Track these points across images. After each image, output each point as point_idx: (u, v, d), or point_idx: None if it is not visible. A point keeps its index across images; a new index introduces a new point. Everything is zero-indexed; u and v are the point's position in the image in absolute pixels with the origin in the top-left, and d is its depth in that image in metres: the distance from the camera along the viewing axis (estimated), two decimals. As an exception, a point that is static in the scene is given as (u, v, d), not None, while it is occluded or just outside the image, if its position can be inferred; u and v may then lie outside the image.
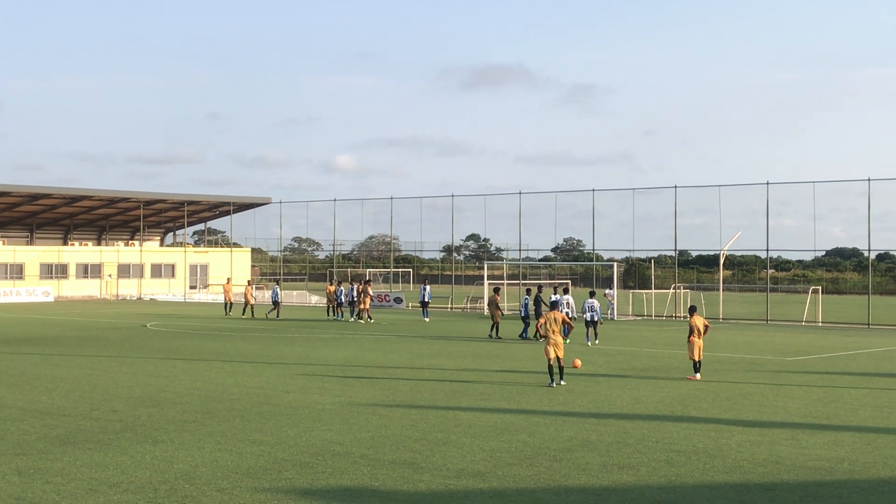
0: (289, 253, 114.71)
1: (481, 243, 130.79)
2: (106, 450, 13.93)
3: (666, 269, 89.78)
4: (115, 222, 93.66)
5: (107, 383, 21.70)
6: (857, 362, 27.97)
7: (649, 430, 15.93)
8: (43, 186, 79.84)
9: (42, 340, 34.12)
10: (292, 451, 13.90)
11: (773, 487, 11.92)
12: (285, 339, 35.03)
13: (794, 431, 15.86)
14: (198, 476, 12.25)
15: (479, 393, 20.34)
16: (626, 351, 30.98)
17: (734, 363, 26.99)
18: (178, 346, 31.93)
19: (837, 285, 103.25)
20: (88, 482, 11.88)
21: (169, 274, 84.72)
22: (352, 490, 11.61)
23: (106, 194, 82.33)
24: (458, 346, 32.16)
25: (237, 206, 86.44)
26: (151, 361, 26.55)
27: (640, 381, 22.65)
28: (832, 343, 35.09)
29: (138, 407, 18.07)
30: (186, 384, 21.55)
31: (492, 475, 12.45)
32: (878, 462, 13.50)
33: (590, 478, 12.37)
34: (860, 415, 17.78)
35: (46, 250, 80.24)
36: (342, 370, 24.58)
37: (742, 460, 13.51)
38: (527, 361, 26.79)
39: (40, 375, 23.15)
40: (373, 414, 17.33)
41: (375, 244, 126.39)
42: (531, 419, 16.93)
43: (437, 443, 14.61)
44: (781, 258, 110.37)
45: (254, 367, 25.25)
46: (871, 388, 21.64)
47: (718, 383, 22.30)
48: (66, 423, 16.21)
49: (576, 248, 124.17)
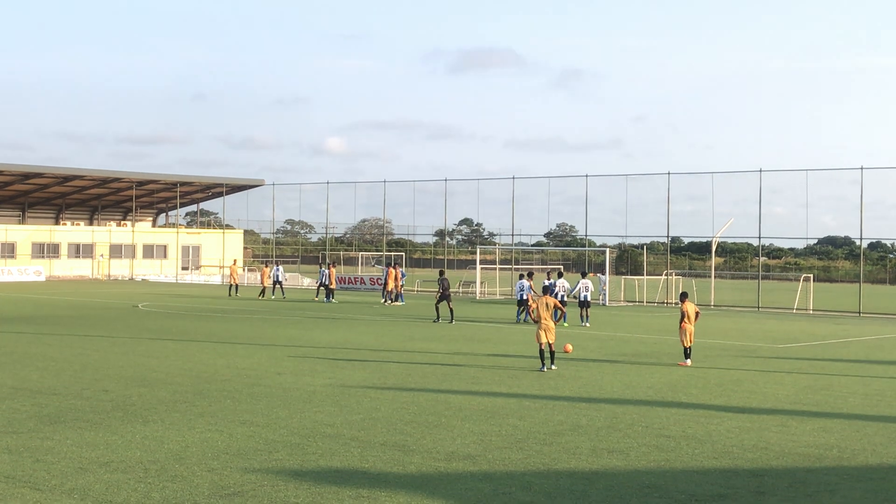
0: (281, 235, 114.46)
1: (474, 228, 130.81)
2: (96, 429, 13.92)
3: (658, 256, 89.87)
4: (108, 202, 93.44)
5: (98, 363, 21.68)
6: (848, 350, 28.06)
7: (639, 415, 15.97)
8: (35, 165, 79.58)
9: (33, 320, 34.05)
10: (283, 433, 13.91)
11: (761, 473, 11.96)
12: (277, 321, 35.02)
13: (783, 418, 15.92)
14: (188, 456, 12.26)
15: (471, 376, 20.37)
16: (617, 336, 31.04)
17: (725, 350, 27.06)
18: (169, 326, 31.90)
19: (829, 273, 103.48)
20: (79, 461, 11.88)
21: (161, 255, 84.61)
22: (342, 471, 11.63)
23: (98, 174, 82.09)
24: (450, 330, 32.18)
25: (230, 188, 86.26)
26: (143, 342, 26.52)
27: (630, 367, 22.70)
28: (823, 331, 35.18)
29: (129, 387, 18.06)
30: (177, 365, 21.54)
31: (482, 458, 12.48)
32: (867, 449, 13.55)
33: (579, 462, 12.41)
34: (850, 402, 17.84)
35: (38, 230, 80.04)
36: (333, 352, 24.60)
37: (731, 446, 13.56)
38: (518, 346, 26.82)
39: (31, 354, 23.12)
40: (364, 396, 17.35)
41: (368, 227, 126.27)
42: (522, 403, 16.96)
43: (427, 425, 14.63)
44: (773, 246, 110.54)
45: (245, 348, 25.24)
46: (861, 376, 21.71)
47: (709, 369, 22.36)
48: (57, 402, 16.20)
49: (568, 233, 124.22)
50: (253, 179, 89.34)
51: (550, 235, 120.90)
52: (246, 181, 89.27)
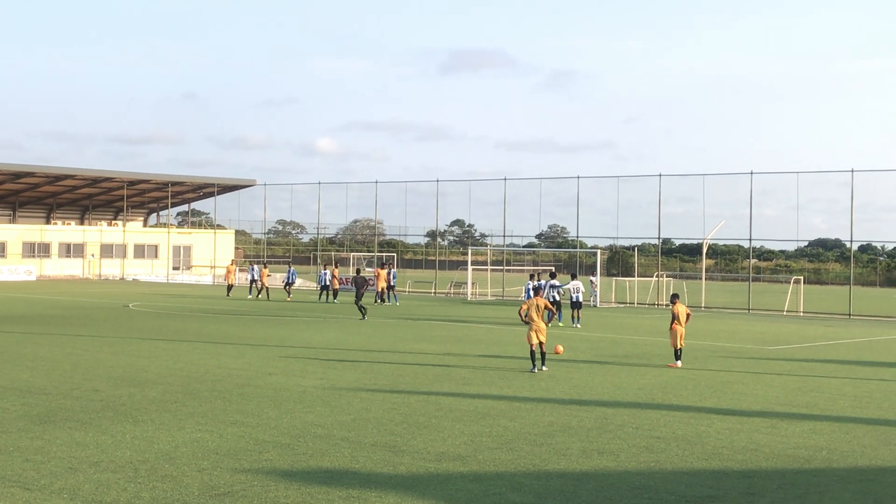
0: (272, 235, 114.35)
1: (466, 229, 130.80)
2: (86, 429, 13.90)
3: (649, 258, 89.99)
4: (99, 202, 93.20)
5: (88, 363, 21.63)
6: (838, 352, 28.14)
7: (630, 416, 16.00)
8: (26, 165, 79.32)
9: (24, 319, 33.97)
10: (273, 433, 13.90)
11: (751, 475, 11.99)
12: (268, 321, 34.99)
13: (773, 420, 15.96)
14: (178, 456, 12.24)
15: (461, 377, 20.38)
16: (608, 338, 31.08)
17: (715, 351, 27.11)
18: (160, 326, 31.85)
19: (819, 276, 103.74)
20: (68, 461, 11.86)
21: (152, 254, 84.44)
22: (332, 472, 11.63)
23: (89, 174, 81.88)
24: (441, 331, 32.19)
25: (221, 188, 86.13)
26: (133, 342, 26.47)
27: (621, 368, 22.73)
28: (813, 333, 35.27)
29: (119, 387, 18.03)
30: (168, 365, 21.51)
31: (472, 459, 12.49)
32: (856, 451, 13.60)
33: (570, 462, 12.42)
34: (839, 404, 17.90)
35: (29, 229, 79.82)
36: (325, 353, 24.58)
37: (721, 447, 13.59)
38: (509, 347, 26.84)
39: (21, 354, 23.06)
40: (354, 397, 17.35)
41: (360, 228, 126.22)
42: (512, 404, 16.98)
43: (417, 426, 14.63)
44: (764, 248, 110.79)
45: (236, 348, 25.22)
46: (851, 378, 21.78)
47: (699, 371, 22.40)
48: (47, 402, 16.17)
49: (560, 235, 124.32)
50: (244, 179, 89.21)
51: (542, 237, 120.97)
52: (237, 181, 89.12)
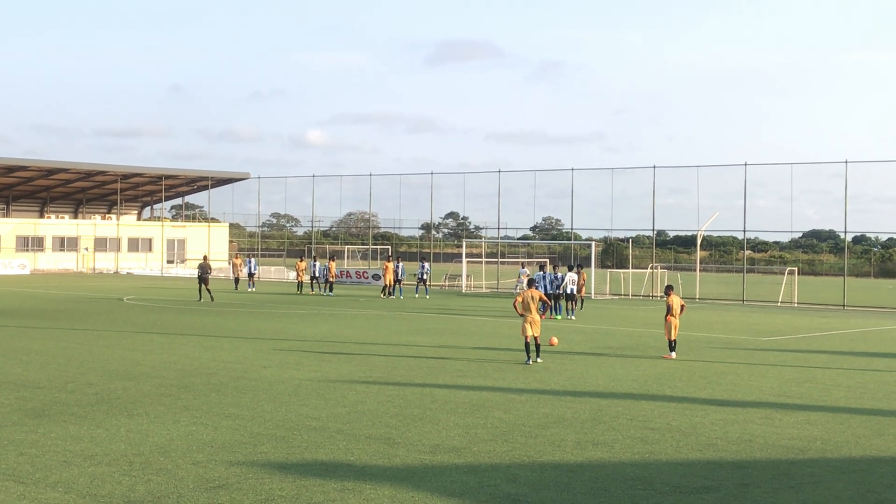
0: (267, 229, 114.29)
1: (460, 221, 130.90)
2: (81, 422, 13.88)
3: (643, 249, 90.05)
4: (92, 195, 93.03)
5: (82, 356, 21.60)
6: (832, 343, 28.19)
7: (624, 407, 16.01)
8: (19, 158, 79.12)
9: (17, 313, 33.91)
10: (268, 426, 13.89)
11: (745, 465, 12.01)
12: (262, 315, 34.97)
13: (767, 410, 15.98)
14: (173, 449, 12.23)
15: (456, 370, 20.38)
16: (602, 329, 31.11)
17: (710, 343, 27.15)
18: (154, 320, 31.81)
19: (813, 267, 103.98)
20: (63, 454, 11.84)
21: (146, 248, 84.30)
22: (327, 464, 11.62)
23: (83, 167, 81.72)
24: (436, 323, 32.19)
25: (215, 181, 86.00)
26: (127, 335, 26.44)
27: (616, 360, 22.76)
28: (807, 324, 35.33)
29: (114, 380, 18.01)
30: (162, 358, 21.48)
31: (467, 450, 12.49)
32: (850, 441, 13.62)
33: (564, 454, 12.43)
34: (833, 395, 17.93)
35: (23, 223, 79.65)
36: (319, 346, 24.57)
37: (715, 438, 13.61)
38: (504, 339, 26.85)
39: (15, 348, 23.02)
40: (349, 389, 17.34)
41: (354, 221, 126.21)
42: (507, 396, 16.99)
43: (412, 418, 14.63)
44: (758, 239, 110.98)
45: (230, 341, 25.19)
46: (845, 369, 21.82)
47: (694, 362, 22.43)
48: (41, 396, 16.14)
49: (554, 227, 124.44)
50: (238, 173, 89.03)
51: (536, 229, 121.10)
52: (231, 174, 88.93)
